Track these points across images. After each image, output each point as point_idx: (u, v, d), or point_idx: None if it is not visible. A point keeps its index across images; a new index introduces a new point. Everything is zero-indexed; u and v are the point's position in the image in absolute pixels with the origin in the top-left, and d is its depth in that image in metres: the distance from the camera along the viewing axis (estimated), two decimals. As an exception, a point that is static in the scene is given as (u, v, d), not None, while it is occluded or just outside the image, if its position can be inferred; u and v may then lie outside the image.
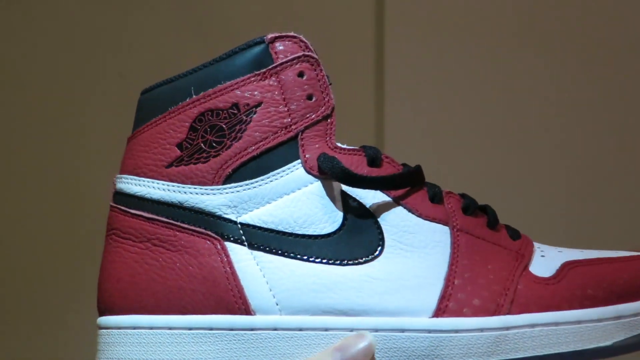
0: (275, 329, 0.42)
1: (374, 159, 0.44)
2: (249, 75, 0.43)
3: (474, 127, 0.82)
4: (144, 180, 0.43)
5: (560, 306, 0.43)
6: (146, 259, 0.43)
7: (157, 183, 0.43)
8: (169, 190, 0.43)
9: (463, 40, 0.82)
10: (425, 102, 0.81)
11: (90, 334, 0.45)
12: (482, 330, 0.42)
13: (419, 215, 0.44)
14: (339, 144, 0.44)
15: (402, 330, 0.42)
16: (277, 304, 0.42)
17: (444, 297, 0.42)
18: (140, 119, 0.44)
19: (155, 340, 0.42)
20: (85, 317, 0.44)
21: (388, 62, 0.81)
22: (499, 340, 0.41)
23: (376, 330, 0.42)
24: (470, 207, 0.45)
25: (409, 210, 0.44)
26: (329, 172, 0.43)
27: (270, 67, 0.43)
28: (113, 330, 0.42)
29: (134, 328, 0.42)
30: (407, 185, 0.44)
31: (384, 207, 0.44)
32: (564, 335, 0.42)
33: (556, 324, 0.42)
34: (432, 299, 0.42)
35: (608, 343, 0.42)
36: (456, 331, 0.41)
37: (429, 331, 0.42)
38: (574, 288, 0.43)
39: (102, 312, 0.43)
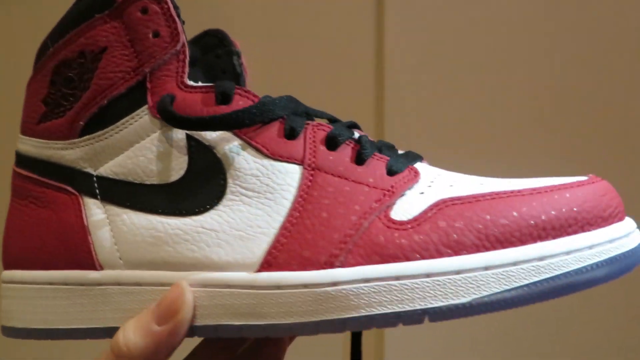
0: (118, 284, 0.40)
1: (225, 96, 0.40)
2: (91, 20, 0.41)
3: (473, 126, 0.77)
4: (24, 139, 0.44)
5: (409, 256, 0.35)
6: (23, 215, 0.43)
7: (32, 140, 0.43)
8: (39, 146, 0.43)
9: (463, 40, 0.77)
10: (425, 102, 0.77)
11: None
12: (305, 286, 0.36)
13: (268, 155, 0.39)
14: (191, 82, 0.41)
15: (228, 286, 0.38)
16: (120, 259, 0.40)
17: (273, 249, 0.37)
18: None
19: (26, 295, 0.42)
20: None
21: (388, 62, 0.77)
22: (322, 298, 0.36)
23: (204, 286, 0.38)
24: (336, 139, 0.39)
25: (257, 150, 0.39)
26: (162, 116, 0.40)
27: (112, 7, 0.41)
28: (3, 284, 0.44)
29: (11, 282, 0.43)
30: (250, 122, 0.39)
31: (229, 149, 0.39)
32: (404, 291, 0.35)
33: (397, 277, 0.35)
34: (260, 251, 0.37)
35: (463, 300, 0.34)
36: (278, 287, 0.36)
37: (252, 287, 0.37)
38: (432, 233, 0.35)
39: (3, 267, 0.45)
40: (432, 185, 0.38)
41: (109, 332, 0.40)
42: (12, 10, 0.81)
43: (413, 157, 0.40)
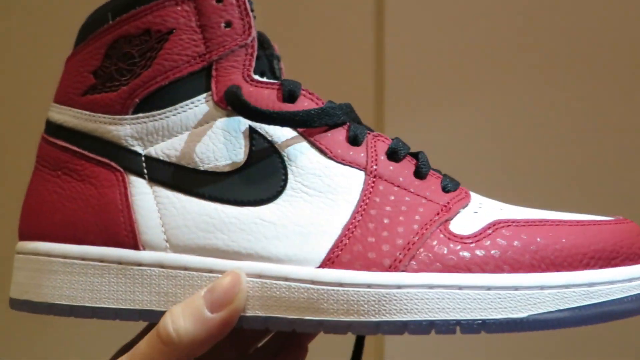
0: (161, 266, 0.40)
1: (292, 94, 0.41)
2: None
3: (474, 126, 0.78)
4: (62, 108, 0.43)
5: (471, 268, 0.37)
6: (55, 188, 0.42)
7: (73, 111, 0.42)
8: (81, 118, 0.42)
9: (463, 40, 0.79)
10: (425, 102, 0.78)
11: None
12: (369, 286, 0.37)
13: (332, 157, 0.40)
14: (257, 77, 0.41)
15: (286, 279, 0.38)
16: (166, 241, 0.40)
17: (336, 247, 0.38)
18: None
19: (50, 268, 0.41)
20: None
21: (388, 62, 0.78)
22: (386, 299, 0.37)
23: (260, 277, 0.38)
24: (397, 152, 0.41)
25: (321, 152, 0.40)
26: (231, 105, 0.40)
27: None
28: (19, 255, 0.43)
29: (35, 254, 0.42)
30: (317, 123, 0.40)
31: (293, 147, 0.40)
32: (466, 300, 0.37)
33: (459, 287, 0.37)
34: (323, 248, 0.38)
35: (521, 315, 0.36)
36: (340, 284, 0.37)
37: (313, 282, 0.38)
38: (492, 249, 0.37)
39: (19, 238, 0.44)
40: (482, 207, 0.40)
41: (144, 314, 0.39)
42: (11, 10, 0.77)
43: (454, 179, 0.42)
